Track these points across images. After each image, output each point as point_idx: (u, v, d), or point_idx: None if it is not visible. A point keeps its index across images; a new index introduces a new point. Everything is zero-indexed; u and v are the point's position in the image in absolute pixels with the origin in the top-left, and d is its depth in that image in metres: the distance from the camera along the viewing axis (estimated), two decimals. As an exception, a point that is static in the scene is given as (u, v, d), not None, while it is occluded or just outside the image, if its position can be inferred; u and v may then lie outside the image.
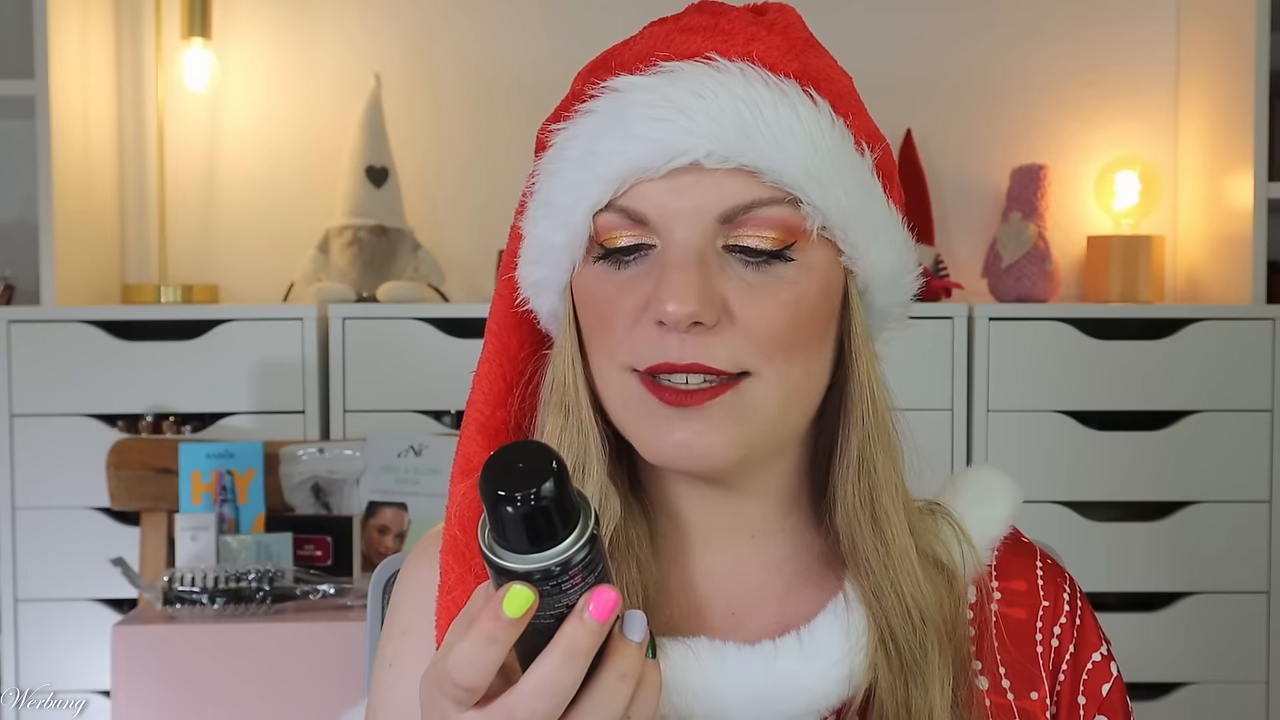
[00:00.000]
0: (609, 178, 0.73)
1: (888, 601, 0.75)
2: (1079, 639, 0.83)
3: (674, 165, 0.71)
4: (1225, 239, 2.23)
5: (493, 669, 0.56)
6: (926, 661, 0.75)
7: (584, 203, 0.74)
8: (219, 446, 1.85)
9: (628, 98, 0.73)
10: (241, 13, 2.39)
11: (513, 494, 0.54)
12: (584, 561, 0.56)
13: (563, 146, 0.76)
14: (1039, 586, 0.83)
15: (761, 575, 0.80)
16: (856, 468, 0.77)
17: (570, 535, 0.55)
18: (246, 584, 1.67)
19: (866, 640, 0.75)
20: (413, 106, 2.40)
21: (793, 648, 0.75)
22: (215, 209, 2.41)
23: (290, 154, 2.41)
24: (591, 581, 0.56)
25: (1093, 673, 0.82)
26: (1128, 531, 2.11)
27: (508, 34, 2.42)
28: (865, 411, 0.77)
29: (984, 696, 0.79)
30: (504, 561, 0.55)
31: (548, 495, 0.54)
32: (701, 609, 0.79)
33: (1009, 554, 0.84)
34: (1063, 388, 2.11)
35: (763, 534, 0.80)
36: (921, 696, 0.75)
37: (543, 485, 0.54)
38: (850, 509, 0.77)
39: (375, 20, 2.41)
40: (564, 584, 0.55)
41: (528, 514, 0.54)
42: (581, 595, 0.56)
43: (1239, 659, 2.11)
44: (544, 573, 0.55)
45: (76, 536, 2.07)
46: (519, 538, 0.55)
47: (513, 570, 0.55)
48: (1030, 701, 0.80)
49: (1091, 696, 0.82)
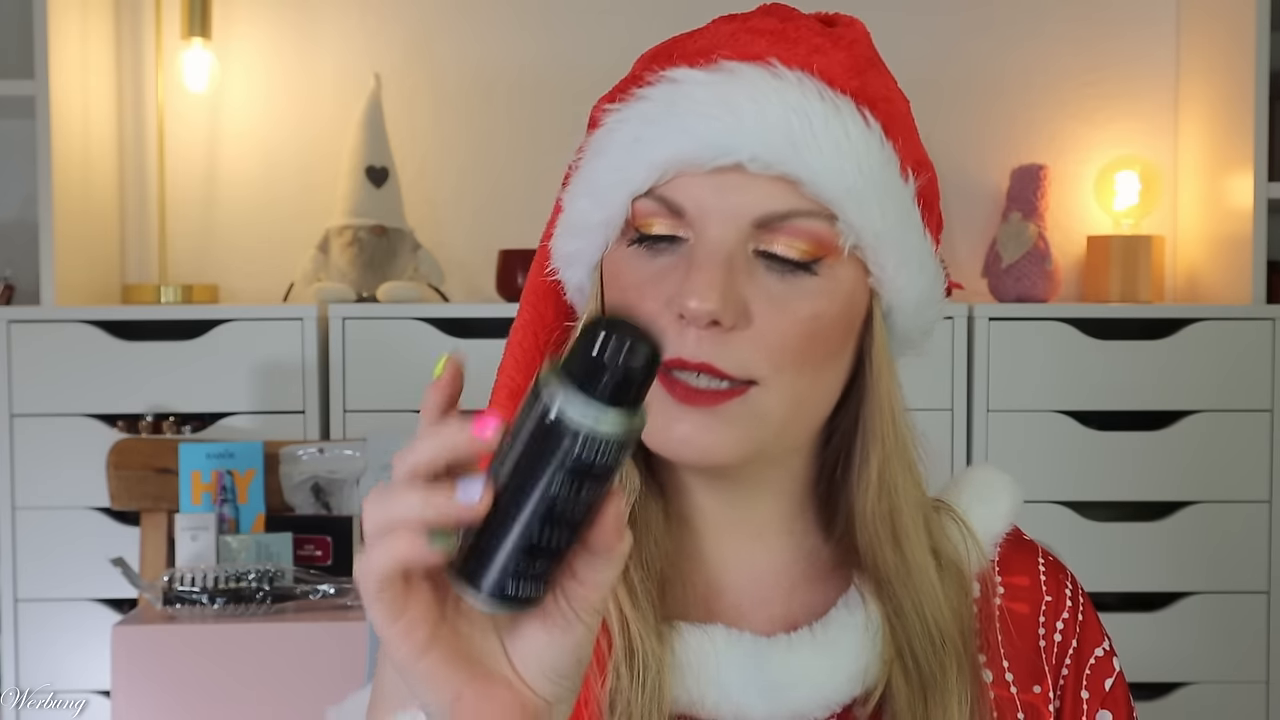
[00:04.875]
0: (653, 164, 0.73)
1: (909, 621, 0.76)
2: (1081, 634, 0.83)
3: (718, 164, 0.72)
4: (1225, 239, 2.23)
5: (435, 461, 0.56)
6: (946, 679, 0.76)
7: (625, 186, 0.74)
8: (219, 446, 1.85)
9: (683, 90, 0.74)
10: (241, 13, 2.39)
11: (644, 338, 0.52)
12: (617, 457, 0.53)
13: (612, 128, 0.76)
14: (1041, 582, 0.84)
15: (768, 572, 0.80)
16: (877, 487, 0.77)
17: (639, 417, 0.53)
18: (246, 584, 1.67)
19: (880, 638, 0.75)
20: (413, 106, 2.40)
21: (806, 641, 0.75)
22: (215, 209, 2.41)
23: (290, 154, 2.41)
24: (598, 492, 0.54)
25: (1095, 668, 0.83)
26: (1128, 531, 2.11)
27: (508, 34, 2.42)
28: (886, 432, 0.77)
29: (989, 689, 0.79)
30: (566, 401, 0.52)
31: (658, 362, 0.53)
32: (708, 596, 0.79)
33: (1011, 550, 0.85)
34: (1063, 388, 2.11)
35: (769, 533, 0.80)
36: (940, 713, 0.75)
37: (660, 351, 0.53)
38: (871, 528, 0.77)
39: (375, 20, 2.41)
40: (595, 465, 0.53)
41: (638, 367, 0.52)
42: (591, 495, 0.54)
43: (1239, 659, 2.11)
44: (596, 438, 0.52)
45: (76, 536, 2.07)
46: (608, 385, 0.52)
47: (567, 422, 0.52)
48: (1034, 695, 0.81)
49: (1095, 691, 0.82)
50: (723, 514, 0.79)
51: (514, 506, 0.54)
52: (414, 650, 0.56)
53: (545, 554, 0.55)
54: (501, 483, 0.55)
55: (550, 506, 0.54)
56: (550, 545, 0.55)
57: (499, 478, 0.55)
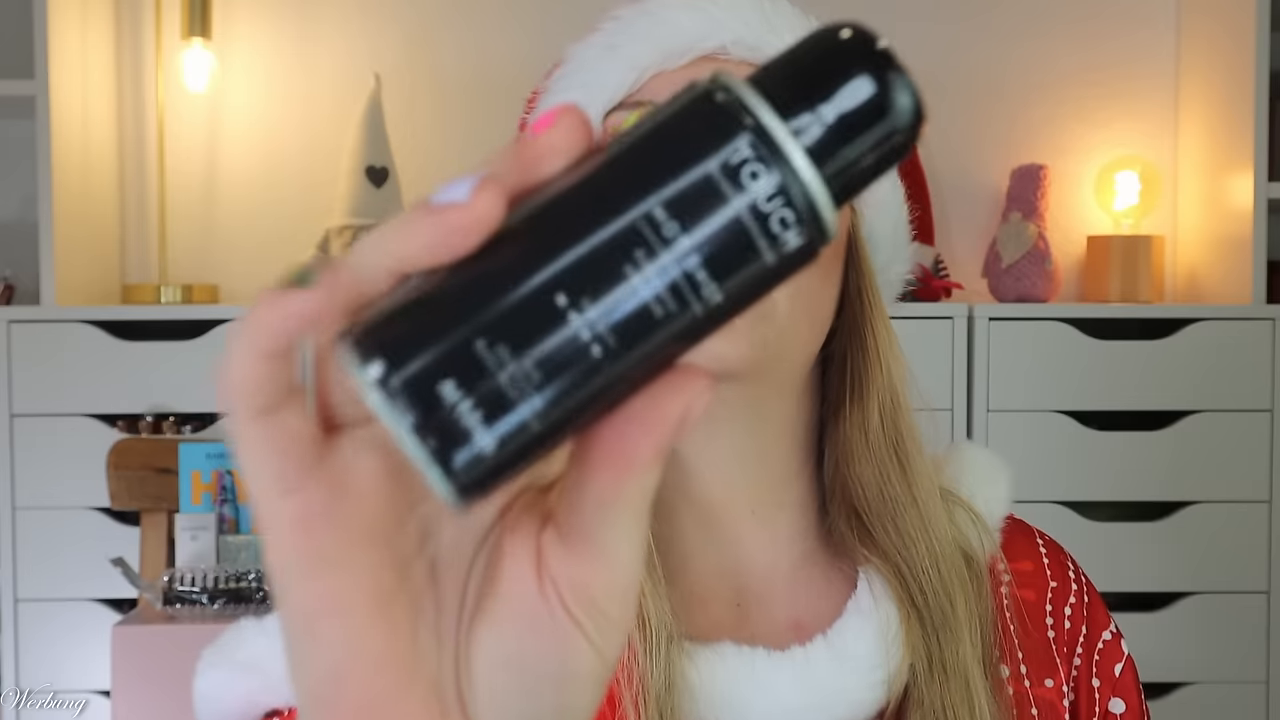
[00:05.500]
0: (628, 65, 0.71)
1: (916, 555, 0.71)
2: (1089, 619, 0.80)
3: (699, 51, 0.70)
4: (1225, 239, 2.23)
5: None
6: (955, 615, 0.72)
7: (599, 98, 0.71)
8: (219, 446, 1.85)
9: (654, 3, 0.73)
10: (242, 13, 2.39)
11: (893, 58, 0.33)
12: (793, 260, 0.32)
13: (578, 54, 0.74)
14: (1045, 566, 0.81)
15: (766, 558, 0.75)
16: (879, 406, 0.73)
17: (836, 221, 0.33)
18: (247, 584, 1.67)
19: (901, 642, 0.71)
20: (413, 106, 2.40)
21: (822, 654, 0.70)
22: (215, 209, 2.41)
23: (290, 154, 2.41)
24: (724, 310, 0.32)
25: (1104, 652, 0.80)
26: (1128, 531, 2.11)
27: (507, 34, 2.42)
28: (885, 347, 0.74)
29: (1006, 684, 0.75)
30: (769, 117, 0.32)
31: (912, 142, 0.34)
32: (706, 600, 0.74)
33: (1011, 534, 0.81)
34: (1063, 388, 2.10)
35: (763, 509, 0.75)
36: (954, 652, 0.71)
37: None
38: (878, 453, 0.73)
39: (375, 20, 2.41)
40: (763, 252, 0.32)
41: (900, 134, 0.33)
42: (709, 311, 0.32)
43: (1239, 659, 2.11)
44: (796, 194, 0.32)
45: (76, 537, 2.07)
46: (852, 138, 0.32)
47: (763, 140, 0.32)
48: (1046, 689, 0.77)
49: (1105, 678, 0.79)
50: (713, 495, 0.73)
51: (536, 252, 0.31)
52: (312, 557, 0.33)
53: (557, 403, 0.31)
54: (533, 209, 0.32)
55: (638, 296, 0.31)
56: (582, 382, 0.31)
57: (526, 208, 0.32)
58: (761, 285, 0.32)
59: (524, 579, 0.35)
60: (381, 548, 0.34)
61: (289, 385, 0.34)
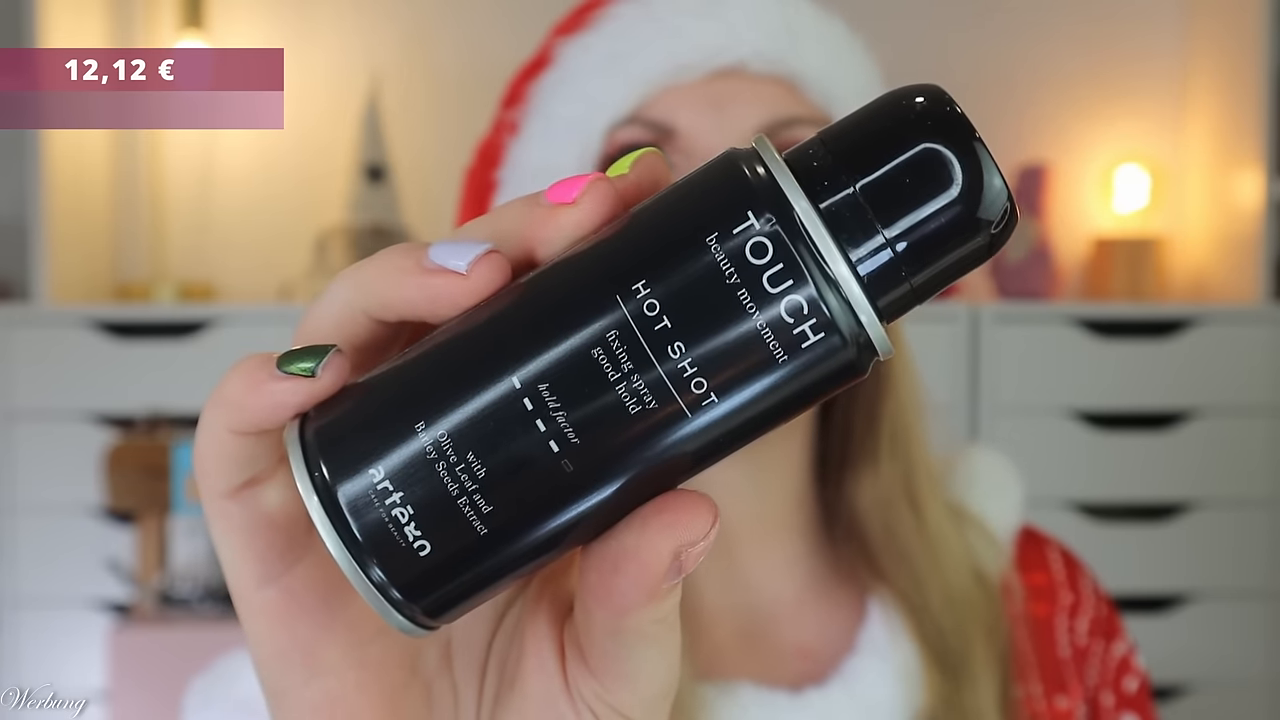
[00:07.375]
0: (636, 79, 0.63)
1: (930, 595, 0.68)
2: (1105, 635, 0.78)
3: (715, 65, 0.63)
4: (1232, 237, 2.22)
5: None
6: (974, 658, 0.68)
7: (601, 113, 0.64)
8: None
9: (661, 5, 0.65)
10: (237, 10, 2.37)
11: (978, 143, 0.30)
12: (832, 379, 0.28)
13: (573, 59, 0.66)
14: (1060, 580, 0.78)
15: (771, 583, 0.72)
16: (890, 441, 0.69)
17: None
18: (243, 586, 1.65)
19: (922, 686, 0.67)
20: (410, 103, 2.38)
21: (841, 697, 0.66)
22: (210, 206, 2.39)
23: (286, 151, 2.39)
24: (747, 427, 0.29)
25: (1118, 669, 0.78)
26: (1134, 532, 2.09)
27: (505, 32, 2.40)
28: (897, 372, 0.69)
29: (1023, 705, 0.73)
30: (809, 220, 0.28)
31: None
32: (710, 628, 0.70)
33: (1025, 545, 0.78)
34: (1067, 387, 2.09)
35: (768, 530, 0.72)
36: (973, 694, 0.68)
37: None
38: (886, 489, 0.69)
39: (371, 17, 2.39)
40: (828, 300, 0.28)
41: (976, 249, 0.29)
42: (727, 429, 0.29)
43: (1244, 660, 2.10)
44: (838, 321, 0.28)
45: (72, 539, 2.04)
46: (904, 199, 0.29)
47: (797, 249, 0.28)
48: (1060, 710, 0.74)
49: (1119, 694, 0.77)
50: (721, 512, 0.71)
51: (509, 347, 0.27)
52: (264, 567, 0.30)
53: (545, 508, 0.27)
54: (519, 298, 0.28)
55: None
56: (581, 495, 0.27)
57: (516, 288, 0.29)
58: (778, 408, 0.28)
59: (549, 679, 0.31)
60: (384, 640, 0.30)
61: (269, 460, 0.30)
